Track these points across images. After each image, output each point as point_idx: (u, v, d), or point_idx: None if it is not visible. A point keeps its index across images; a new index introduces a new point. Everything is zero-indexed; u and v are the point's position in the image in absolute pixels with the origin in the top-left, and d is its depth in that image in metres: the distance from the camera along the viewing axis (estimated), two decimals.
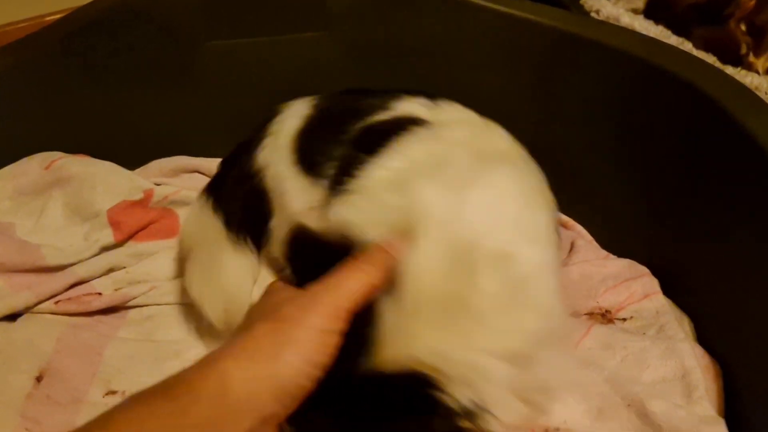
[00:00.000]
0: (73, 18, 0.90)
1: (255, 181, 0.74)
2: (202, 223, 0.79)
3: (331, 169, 0.66)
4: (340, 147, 0.67)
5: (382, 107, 0.69)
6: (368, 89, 0.75)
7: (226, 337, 0.76)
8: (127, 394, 0.72)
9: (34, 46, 0.87)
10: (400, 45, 0.89)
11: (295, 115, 0.74)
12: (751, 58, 1.09)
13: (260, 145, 0.75)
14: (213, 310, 0.75)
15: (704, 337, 0.73)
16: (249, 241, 0.76)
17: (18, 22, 1.30)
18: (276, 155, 0.72)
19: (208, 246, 0.78)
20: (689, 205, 0.76)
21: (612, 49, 0.78)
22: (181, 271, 0.84)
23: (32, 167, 0.86)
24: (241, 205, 0.76)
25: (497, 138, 0.67)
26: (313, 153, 0.69)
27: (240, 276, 0.76)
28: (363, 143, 0.65)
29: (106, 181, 0.86)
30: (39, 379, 0.70)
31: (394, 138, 0.62)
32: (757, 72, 1.08)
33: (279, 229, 0.74)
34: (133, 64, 0.89)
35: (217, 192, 0.79)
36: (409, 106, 0.69)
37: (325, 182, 0.66)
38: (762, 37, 1.11)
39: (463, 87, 0.81)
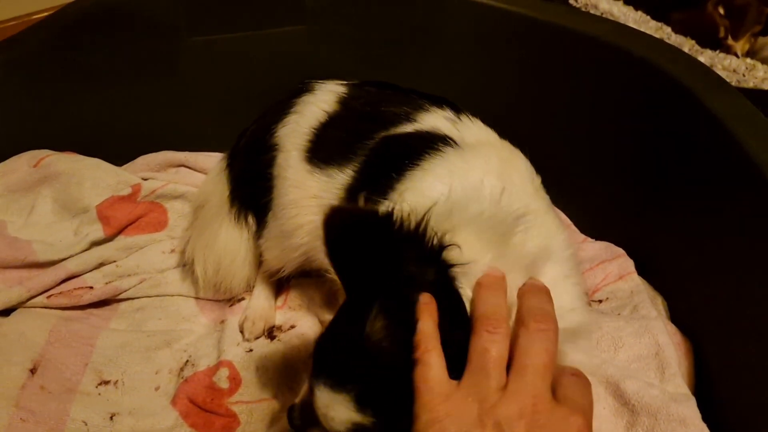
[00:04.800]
0: (58, 17, 0.91)
1: (265, 159, 0.74)
2: (214, 185, 0.84)
3: (349, 171, 0.67)
4: (361, 152, 0.67)
5: (407, 118, 0.68)
6: (396, 87, 0.74)
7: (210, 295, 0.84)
8: (120, 383, 0.74)
9: (20, 45, 0.88)
10: (377, 38, 0.90)
11: (321, 102, 0.74)
12: (730, 41, 1.10)
13: (282, 120, 0.74)
14: (202, 270, 0.82)
15: (677, 316, 0.75)
16: (250, 215, 0.80)
17: (4, 21, 1.30)
18: (293, 139, 0.73)
19: (211, 210, 0.83)
20: (662, 189, 0.77)
21: (585, 36, 0.80)
22: (170, 264, 0.87)
23: (21, 165, 0.88)
24: (247, 180, 0.79)
25: (520, 165, 0.65)
26: (331, 150, 0.69)
27: (233, 247, 0.81)
28: (387, 154, 0.65)
29: (94, 177, 0.88)
30: (33, 370, 0.72)
31: (425, 156, 0.62)
32: (736, 55, 1.09)
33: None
34: (118, 62, 0.91)
35: (233, 159, 0.82)
36: (434, 119, 0.68)
37: (339, 183, 0.67)
38: (741, 20, 1.11)
39: (438, 76, 0.83)
